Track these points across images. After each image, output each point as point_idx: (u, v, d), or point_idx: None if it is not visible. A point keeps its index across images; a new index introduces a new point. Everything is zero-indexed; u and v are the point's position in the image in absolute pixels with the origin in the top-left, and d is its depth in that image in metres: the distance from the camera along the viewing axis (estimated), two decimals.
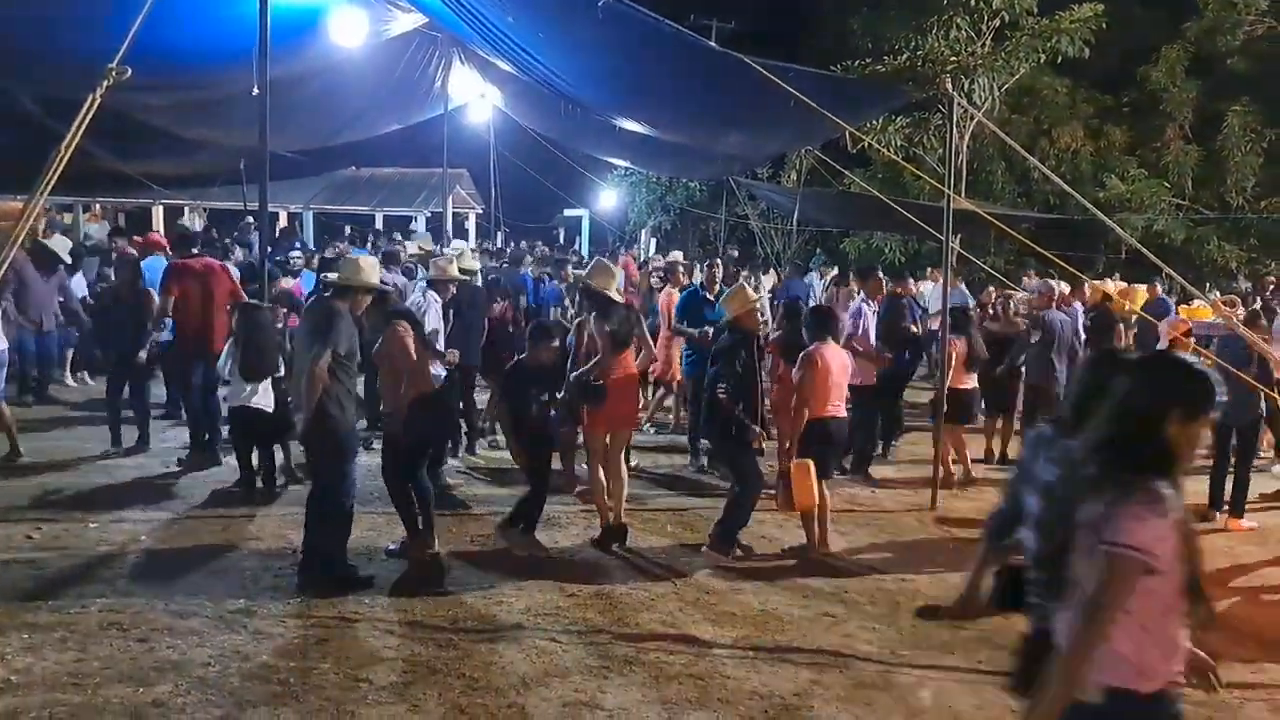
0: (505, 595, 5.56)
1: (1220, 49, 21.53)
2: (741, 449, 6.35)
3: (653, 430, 10.15)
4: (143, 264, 9.34)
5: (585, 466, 6.84)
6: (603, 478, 6.51)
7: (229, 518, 6.73)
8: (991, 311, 10.43)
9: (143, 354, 8.41)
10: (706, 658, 4.88)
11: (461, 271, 8.47)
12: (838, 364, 6.56)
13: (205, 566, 5.79)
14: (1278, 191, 20.59)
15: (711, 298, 8.73)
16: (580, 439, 6.98)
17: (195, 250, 8.68)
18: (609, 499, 6.52)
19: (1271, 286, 15.49)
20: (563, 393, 6.59)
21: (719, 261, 9.39)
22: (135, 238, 12.89)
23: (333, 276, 6.32)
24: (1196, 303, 11.84)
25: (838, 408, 6.58)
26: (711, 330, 7.96)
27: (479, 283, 9.30)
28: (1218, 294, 14.29)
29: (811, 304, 10.95)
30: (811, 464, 6.32)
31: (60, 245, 10.71)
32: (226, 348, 7.45)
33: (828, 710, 4.40)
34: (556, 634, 5.07)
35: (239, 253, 13.98)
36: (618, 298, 6.67)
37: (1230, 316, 8.20)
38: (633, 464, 8.28)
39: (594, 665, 4.72)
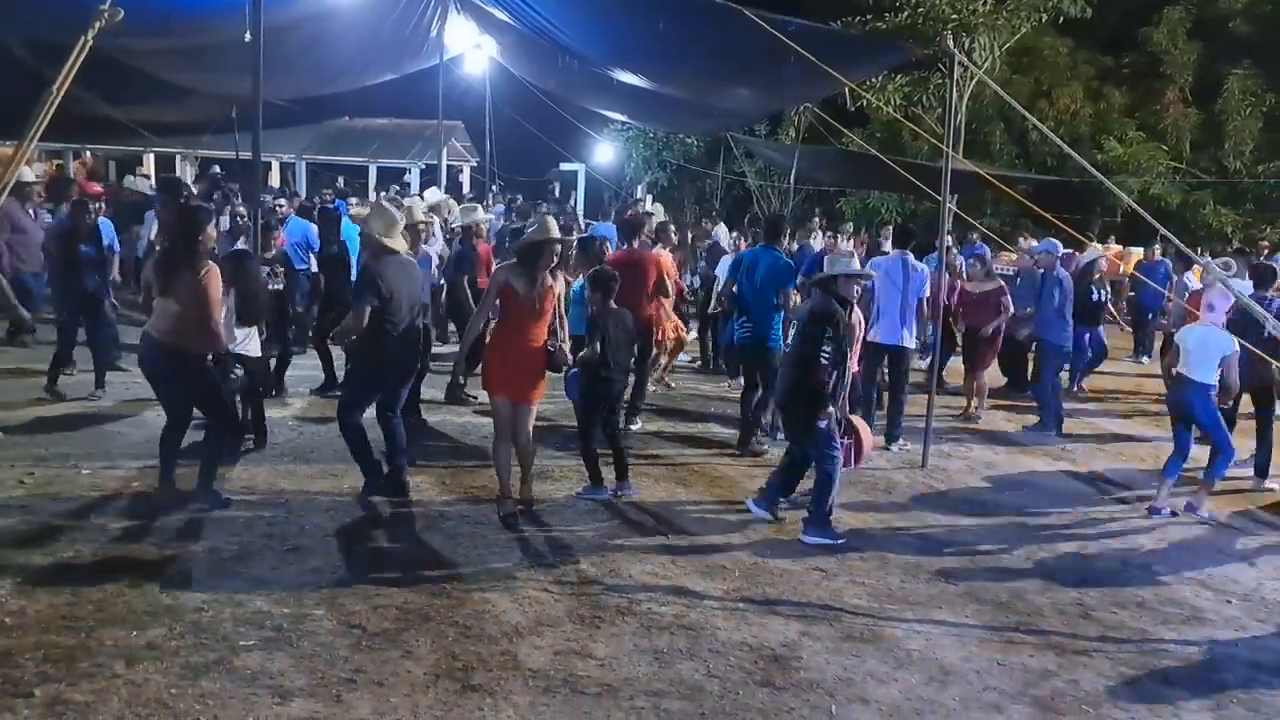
0: (498, 545, 5.59)
1: (1223, 11, 21.38)
2: (813, 422, 5.97)
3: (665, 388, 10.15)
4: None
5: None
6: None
7: (221, 465, 6.70)
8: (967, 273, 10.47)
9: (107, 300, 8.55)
10: (697, 609, 4.92)
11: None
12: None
13: (198, 513, 5.80)
14: (1276, 156, 20.54)
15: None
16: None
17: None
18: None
19: (1266, 250, 15.50)
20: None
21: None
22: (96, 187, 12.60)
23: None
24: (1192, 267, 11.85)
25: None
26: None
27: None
28: (1209, 257, 14.27)
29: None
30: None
31: (28, 175, 10.42)
32: None
33: (816, 661, 4.45)
34: (549, 584, 5.11)
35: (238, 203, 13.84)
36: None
37: (1225, 280, 8.17)
38: (636, 426, 8.34)
39: (586, 615, 4.76)
